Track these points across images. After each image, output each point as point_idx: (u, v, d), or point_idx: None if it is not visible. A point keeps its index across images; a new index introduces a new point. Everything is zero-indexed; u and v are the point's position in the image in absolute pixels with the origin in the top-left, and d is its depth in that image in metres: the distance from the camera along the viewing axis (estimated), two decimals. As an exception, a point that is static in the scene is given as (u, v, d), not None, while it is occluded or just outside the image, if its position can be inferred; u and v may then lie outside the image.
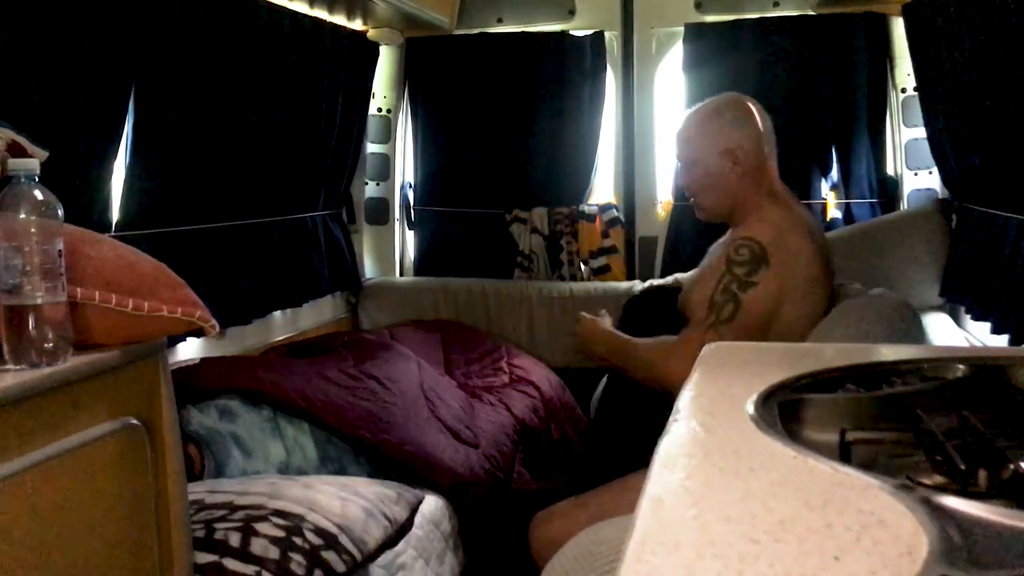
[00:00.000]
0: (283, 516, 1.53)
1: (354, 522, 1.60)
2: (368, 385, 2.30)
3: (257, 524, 1.49)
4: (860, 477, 0.66)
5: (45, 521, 1.04)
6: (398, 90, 3.41)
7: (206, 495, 1.62)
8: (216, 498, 1.60)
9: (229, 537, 1.45)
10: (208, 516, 1.52)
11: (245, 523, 1.49)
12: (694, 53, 3.08)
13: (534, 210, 3.30)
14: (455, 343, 3.10)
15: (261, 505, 1.56)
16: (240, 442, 1.94)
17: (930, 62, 2.46)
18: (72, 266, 1.13)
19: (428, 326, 3.19)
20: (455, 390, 2.62)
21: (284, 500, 1.59)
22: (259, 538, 1.46)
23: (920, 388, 0.99)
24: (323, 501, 1.62)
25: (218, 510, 1.54)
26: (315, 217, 3.02)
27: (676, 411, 0.87)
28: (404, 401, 2.28)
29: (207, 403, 1.95)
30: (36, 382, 1.04)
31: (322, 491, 1.67)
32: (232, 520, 1.50)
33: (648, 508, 0.63)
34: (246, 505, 1.56)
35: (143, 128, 2.07)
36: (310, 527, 1.52)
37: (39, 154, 1.22)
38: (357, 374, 2.34)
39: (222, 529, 1.47)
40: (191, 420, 1.88)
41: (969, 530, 0.56)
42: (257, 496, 1.60)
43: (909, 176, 2.97)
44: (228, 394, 2.01)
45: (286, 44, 2.58)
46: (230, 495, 1.61)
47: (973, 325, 2.46)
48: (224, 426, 1.95)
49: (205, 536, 1.46)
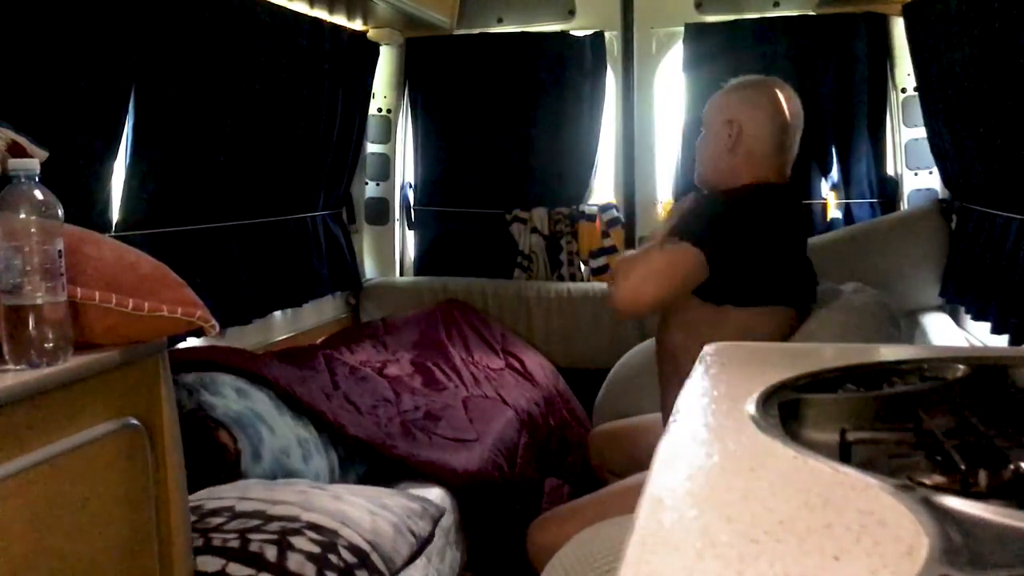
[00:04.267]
0: (317, 530, 1.53)
1: (384, 539, 1.61)
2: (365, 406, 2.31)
3: (292, 538, 1.49)
4: (860, 477, 0.66)
5: (45, 521, 1.04)
6: (398, 90, 3.41)
7: (236, 502, 1.61)
8: (247, 505, 1.59)
9: (265, 550, 1.45)
10: (242, 525, 1.52)
11: (281, 536, 1.49)
12: (694, 53, 3.08)
13: (534, 210, 3.30)
14: (453, 324, 3.12)
15: (295, 517, 1.55)
16: (264, 420, 1.93)
17: (930, 62, 2.46)
18: (72, 266, 1.13)
19: (428, 309, 3.22)
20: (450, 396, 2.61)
21: (317, 513, 1.59)
22: (295, 553, 1.46)
23: (920, 388, 0.99)
24: (354, 515, 1.62)
25: (251, 519, 1.54)
26: (315, 217, 3.02)
27: (676, 411, 0.87)
28: (403, 428, 2.28)
29: (215, 385, 1.92)
30: (36, 382, 1.04)
31: (352, 503, 1.67)
32: (267, 532, 1.50)
33: (648, 508, 0.63)
34: (280, 516, 1.55)
35: (143, 128, 2.07)
36: (344, 544, 1.53)
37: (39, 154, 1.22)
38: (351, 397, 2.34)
39: (257, 541, 1.47)
40: (214, 406, 1.86)
41: (969, 530, 0.56)
42: (290, 506, 1.60)
43: (909, 176, 2.97)
44: (226, 373, 2.00)
45: (286, 44, 2.58)
46: (262, 503, 1.60)
47: (973, 325, 2.46)
48: (245, 404, 1.94)
49: (240, 547, 1.45)
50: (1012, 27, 1.87)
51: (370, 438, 2.09)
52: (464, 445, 2.25)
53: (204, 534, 1.49)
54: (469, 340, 3.06)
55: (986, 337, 2.32)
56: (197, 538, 1.47)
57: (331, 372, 2.43)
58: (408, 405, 2.43)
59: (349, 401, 2.28)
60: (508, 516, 2.18)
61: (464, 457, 2.17)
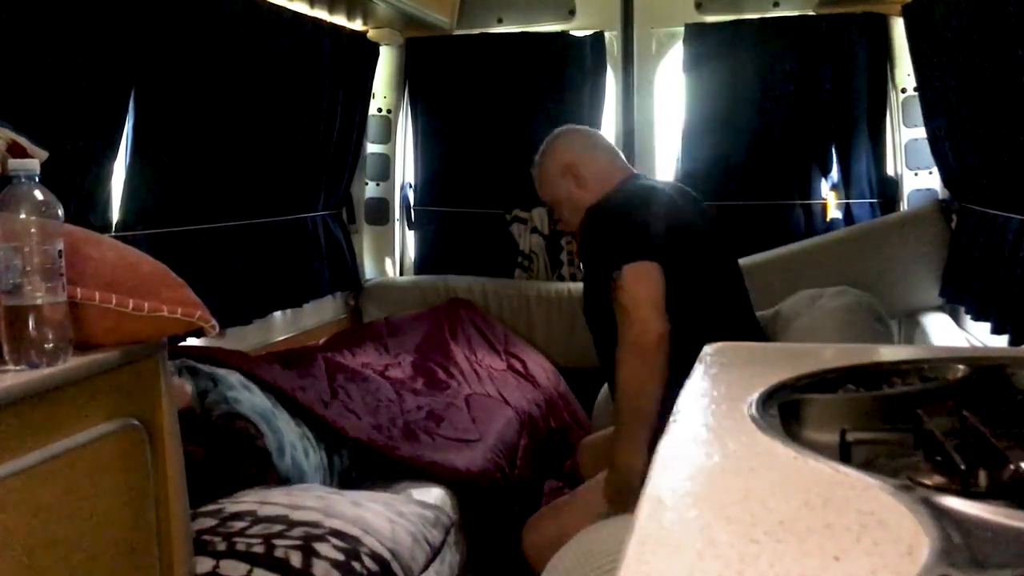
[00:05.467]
0: (341, 537, 1.54)
1: (403, 547, 1.62)
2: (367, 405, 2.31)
3: (317, 544, 1.50)
4: (860, 477, 0.66)
5: (45, 521, 1.04)
6: (398, 90, 3.41)
7: (258, 506, 1.61)
8: (269, 510, 1.59)
9: (290, 556, 1.45)
10: (265, 531, 1.52)
11: (305, 542, 1.49)
12: (694, 53, 3.08)
13: (534, 210, 3.30)
14: (458, 322, 3.12)
15: (317, 523, 1.56)
16: (276, 416, 1.95)
17: (930, 62, 2.46)
18: (72, 266, 1.13)
19: (431, 309, 3.22)
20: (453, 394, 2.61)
21: (339, 519, 1.59)
22: (320, 560, 1.46)
23: (920, 388, 0.99)
24: (375, 523, 1.63)
25: (274, 524, 1.54)
26: (315, 217, 3.02)
27: (676, 411, 0.87)
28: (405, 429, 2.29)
29: (219, 379, 1.92)
30: (36, 382, 1.04)
31: (370, 509, 1.68)
32: (291, 537, 1.50)
33: (648, 508, 0.63)
34: (302, 521, 1.56)
35: (143, 128, 2.07)
36: (366, 551, 1.53)
37: (39, 154, 1.22)
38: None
39: (282, 547, 1.47)
40: (239, 400, 1.87)
41: (969, 530, 0.56)
42: (311, 512, 1.60)
43: (909, 176, 2.97)
44: (229, 369, 2.00)
45: (286, 44, 2.58)
46: (283, 508, 1.61)
47: (973, 325, 2.45)
48: (259, 398, 1.95)
49: (265, 552, 1.46)
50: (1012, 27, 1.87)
51: (372, 440, 2.09)
52: (467, 445, 2.25)
53: (228, 538, 1.49)
54: (472, 339, 3.06)
55: (986, 337, 2.32)
56: (220, 542, 1.47)
57: (330, 377, 2.43)
58: (411, 405, 2.42)
59: (348, 408, 2.28)
60: (508, 517, 2.18)
61: (467, 457, 2.17)
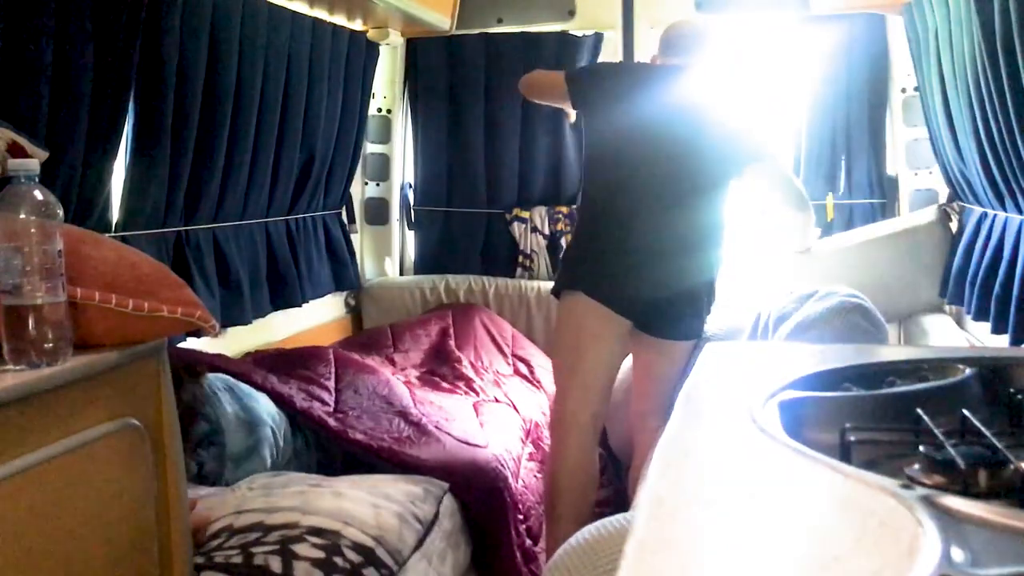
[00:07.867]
0: (319, 534, 1.51)
1: (390, 532, 1.60)
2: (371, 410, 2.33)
3: (295, 546, 1.47)
4: (860, 477, 0.66)
5: (45, 521, 1.04)
6: (398, 90, 3.41)
7: (233, 518, 1.58)
8: (244, 520, 1.57)
9: (270, 562, 1.44)
10: (242, 541, 1.50)
11: (282, 545, 1.47)
12: (694, 53, 3.07)
13: (534, 209, 3.31)
14: (467, 326, 3.12)
15: (294, 523, 1.53)
16: (274, 421, 2.01)
17: (930, 62, 2.46)
18: (72, 266, 1.13)
19: (439, 313, 3.21)
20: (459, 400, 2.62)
21: (316, 515, 1.57)
22: (300, 561, 1.45)
23: (920, 388, 0.99)
24: (356, 512, 1.60)
25: (250, 533, 1.52)
26: (315, 217, 3.02)
27: (676, 411, 0.87)
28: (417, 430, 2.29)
29: (214, 388, 1.94)
30: (36, 382, 1.04)
31: (353, 498, 1.65)
32: (268, 543, 1.48)
33: (648, 508, 0.63)
34: (279, 524, 1.53)
35: (143, 128, 2.07)
36: (348, 544, 1.51)
37: (39, 154, 1.22)
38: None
39: (260, 554, 1.45)
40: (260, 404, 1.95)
41: (969, 530, 0.56)
42: (288, 512, 1.58)
43: (909, 176, 2.97)
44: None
45: (286, 44, 2.58)
46: (258, 514, 1.58)
47: (973, 325, 2.45)
48: (250, 402, 1.98)
49: (244, 562, 1.44)
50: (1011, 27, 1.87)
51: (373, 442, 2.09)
52: (472, 448, 2.25)
53: (206, 554, 1.47)
54: (480, 345, 3.05)
55: (986, 337, 2.32)
56: (197, 556, 1.45)
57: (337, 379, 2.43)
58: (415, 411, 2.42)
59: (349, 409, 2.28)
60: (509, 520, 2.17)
61: (469, 456, 2.17)
